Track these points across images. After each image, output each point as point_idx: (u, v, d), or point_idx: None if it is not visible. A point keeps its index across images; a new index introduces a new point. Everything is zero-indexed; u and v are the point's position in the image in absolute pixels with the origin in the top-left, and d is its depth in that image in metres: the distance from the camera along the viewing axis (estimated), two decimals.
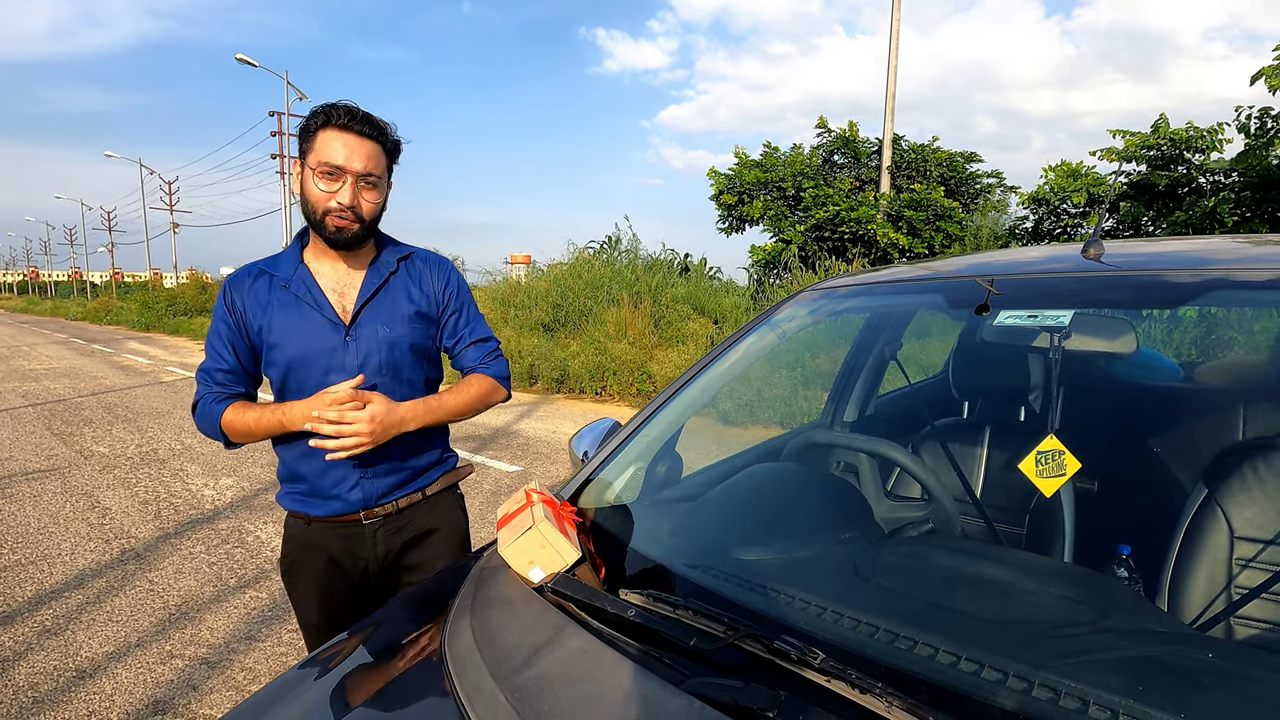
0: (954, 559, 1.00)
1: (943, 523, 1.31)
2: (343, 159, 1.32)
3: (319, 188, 1.34)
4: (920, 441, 1.89)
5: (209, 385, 1.44)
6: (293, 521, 1.53)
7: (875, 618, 0.81)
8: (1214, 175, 8.54)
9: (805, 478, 1.35)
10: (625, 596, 0.88)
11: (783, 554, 1.01)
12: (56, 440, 6.33)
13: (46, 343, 17.94)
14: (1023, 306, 1.17)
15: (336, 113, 1.32)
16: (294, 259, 1.45)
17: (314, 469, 1.44)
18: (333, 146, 1.31)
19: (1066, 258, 1.33)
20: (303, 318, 1.41)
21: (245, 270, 1.47)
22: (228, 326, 1.43)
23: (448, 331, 1.56)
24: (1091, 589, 1.03)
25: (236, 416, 1.40)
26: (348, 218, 1.35)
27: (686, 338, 9.38)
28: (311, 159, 1.34)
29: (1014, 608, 0.88)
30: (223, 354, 1.44)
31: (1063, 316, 1.07)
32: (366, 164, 1.34)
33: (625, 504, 1.26)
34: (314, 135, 1.34)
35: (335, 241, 1.38)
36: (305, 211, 1.38)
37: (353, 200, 1.34)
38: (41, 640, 2.81)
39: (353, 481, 1.46)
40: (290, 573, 1.53)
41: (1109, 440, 1.84)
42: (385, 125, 1.38)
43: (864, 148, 13.09)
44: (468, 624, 0.90)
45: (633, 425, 1.43)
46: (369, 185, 1.36)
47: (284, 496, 1.53)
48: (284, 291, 1.42)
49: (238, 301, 1.43)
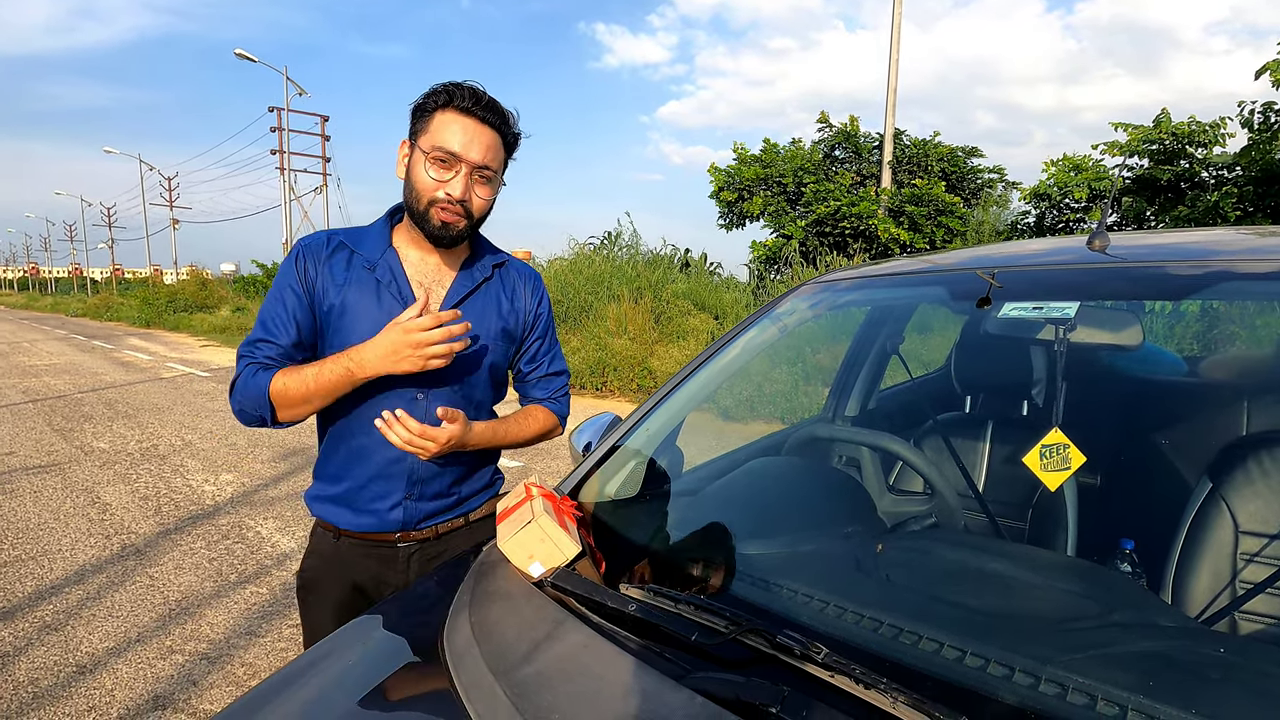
0: (958, 553, 0.99)
1: (946, 517, 1.30)
2: (460, 146, 1.18)
3: (429, 175, 1.19)
4: (922, 436, 1.88)
5: (253, 358, 1.24)
6: (321, 534, 1.38)
7: (879, 612, 0.80)
8: (1217, 170, 8.52)
9: (808, 472, 1.34)
10: (626, 591, 0.87)
11: (785, 548, 1.00)
12: (57, 436, 6.32)
13: (47, 339, 17.94)
14: (1027, 298, 1.16)
15: (460, 93, 1.18)
16: (382, 238, 1.29)
17: (361, 473, 1.30)
18: (451, 130, 1.18)
19: (1071, 250, 1.32)
20: (381, 308, 1.25)
21: (321, 237, 1.30)
22: (295, 296, 1.25)
23: (527, 356, 1.43)
24: (1097, 583, 1.02)
25: (289, 379, 1.20)
26: (456, 212, 1.21)
27: (687, 333, 9.37)
28: (424, 141, 1.20)
29: (1019, 602, 0.87)
30: (282, 327, 1.24)
31: (1068, 308, 1.06)
32: (485, 154, 1.20)
33: (626, 498, 1.25)
34: (430, 115, 1.20)
35: (438, 237, 1.23)
36: (408, 198, 1.24)
37: (464, 193, 1.20)
38: (42, 636, 2.81)
39: (395, 499, 1.31)
40: (308, 589, 1.38)
41: (1112, 434, 1.83)
42: (509, 114, 1.25)
43: (865, 143, 13.06)
44: (466, 619, 0.89)
45: (633, 419, 1.42)
46: (483, 179, 1.23)
47: (315, 499, 1.37)
48: (365, 273, 1.26)
49: (311, 270, 1.25)
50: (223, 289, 26.04)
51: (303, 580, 1.38)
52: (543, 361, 1.45)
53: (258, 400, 1.20)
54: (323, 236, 1.30)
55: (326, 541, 1.35)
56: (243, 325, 19.16)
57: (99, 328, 23.38)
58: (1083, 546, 1.48)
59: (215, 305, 23.29)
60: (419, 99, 1.22)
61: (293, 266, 1.26)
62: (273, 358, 1.24)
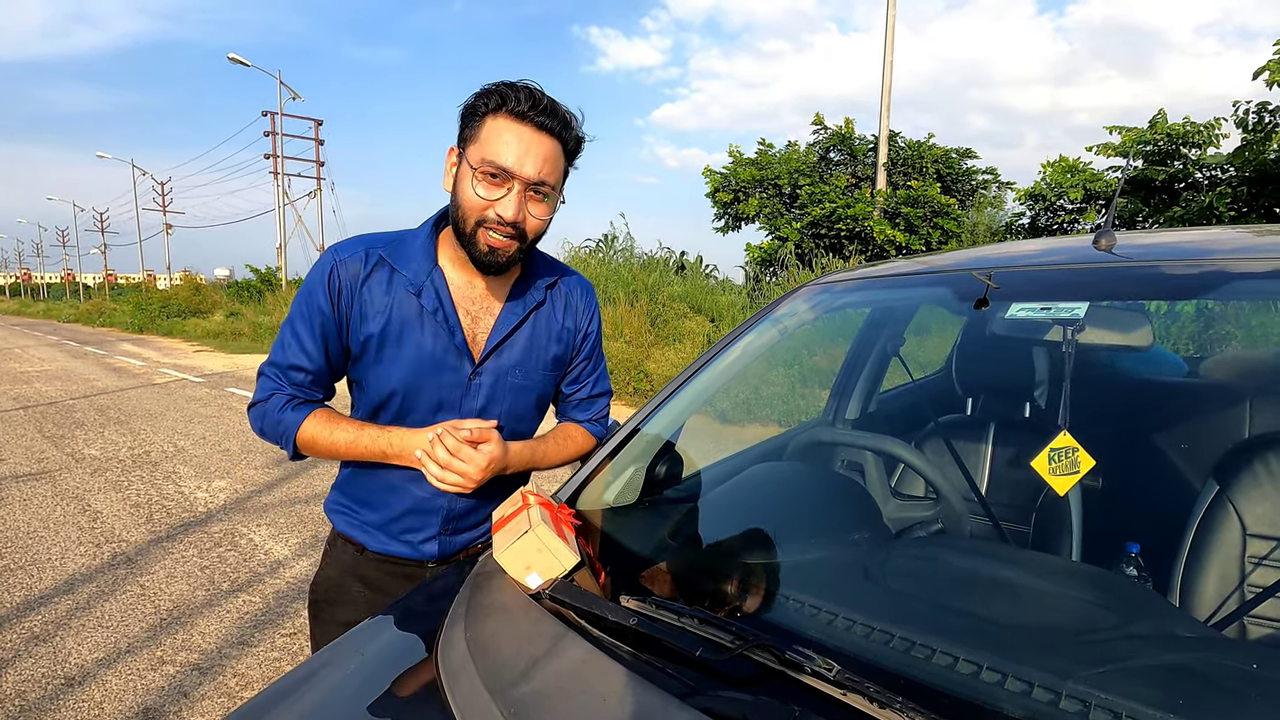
0: (968, 561, 0.96)
1: (952, 522, 1.27)
2: (513, 159, 1.02)
3: (477, 192, 1.04)
4: (924, 438, 1.86)
5: (280, 386, 1.14)
6: (342, 545, 1.26)
7: (890, 625, 0.77)
8: (1211, 170, 8.54)
9: (811, 477, 1.31)
10: (627, 603, 0.84)
11: (791, 557, 0.97)
12: (48, 443, 6.26)
13: (39, 345, 17.82)
14: (1034, 299, 1.14)
15: (514, 95, 1.03)
16: (427, 255, 1.15)
17: (395, 505, 1.20)
18: (503, 140, 1.02)
19: (1077, 249, 1.30)
20: (427, 337, 1.13)
21: (359, 248, 1.14)
22: (324, 316, 1.11)
23: (571, 376, 1.32)
24: (1112, 592, 0.99)
25: (321, 432, 1.11)
26: (508, 234, 1.06)
27: (683, 336, 9.35)
28: (473, 153, 1.04)
29: (1034, 612, 0.85)
30: (309, 349, 1.12)
31: (1077, 309, 1.04)
32: (541, 168, 1.04)
33: (625, 506, 1.22)
34: (481, 121, 1.04)
35: (484, 264, 1.09)
36: (454, 216, 1.09)
37: (517, 214, 1.05)
38: (30, 647, 2.76)
39: (430, 533, 1.22)
40: (322, 604, 1.27)
41: (1116, 436, 1.81)
42: (572, 117, 1.08)
43: (860, 145, 13.08)
44: (461, 633, 0.86)
45: (632, 424, 1.39)
46: (539, 196, 1.07)
47: (338, 513, 1.26)
48: (409, 297, 1.13)
49: (347, 289, 1.11)
50: (216, 294, 25.93)
51: (317, 594, 1.28)
52: (587, 383, 1.34)
53: (283, 437, 1.14)
54: (360, 250, 1.14)
55: (348, 554, 1.25)
56: (236, 330, 19.06)
57: (91, 333, 23.25)
58: (1088, 550, 1.46)
59: (209, 310, 23.19)
60: (468, 100, 1.07)
61: (324, 283, 1.12)
62: (301, 385, 1.14)
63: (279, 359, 1.14)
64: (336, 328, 1.13)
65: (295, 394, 1.14)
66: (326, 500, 1.31)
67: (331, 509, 1.28)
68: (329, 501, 1.29)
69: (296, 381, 1.14)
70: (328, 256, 1.14)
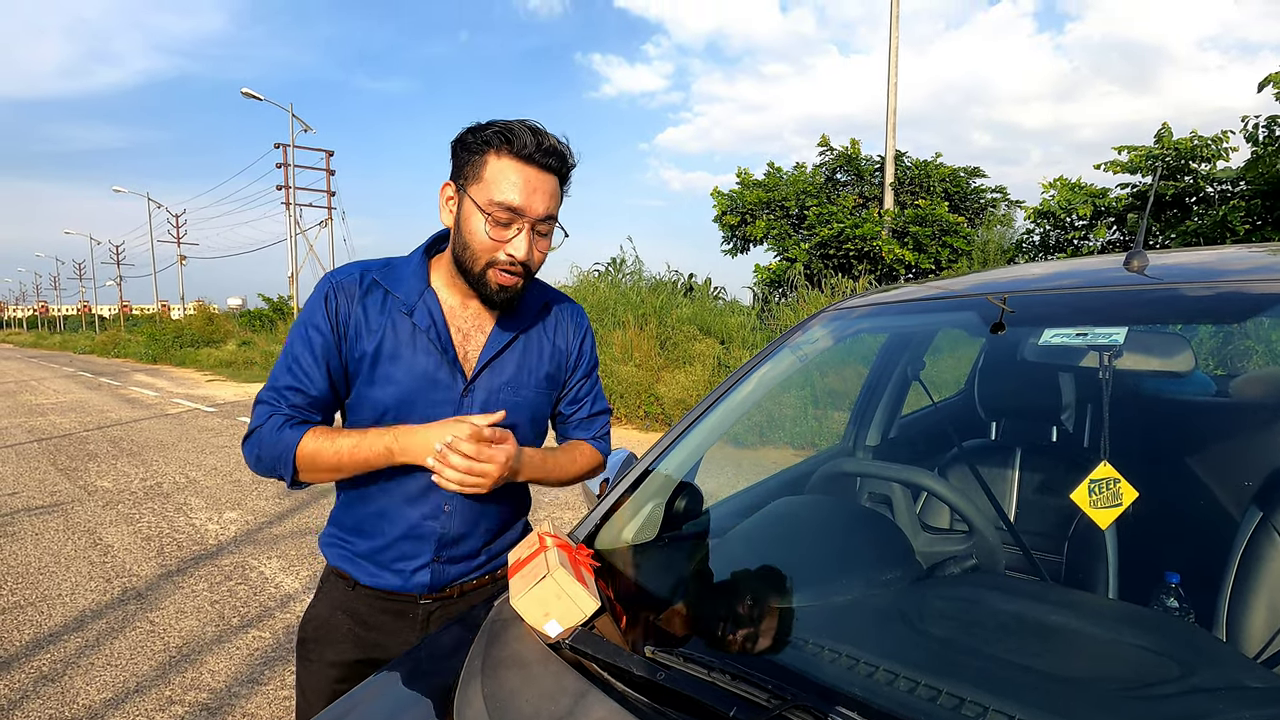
0: (1014, 604, 0.91)
1: (986, 557, 1.22)
2: (523, 199, 1.03)
3: (487, 234, 1.05)
4: (947, 465, 1.80)
5: (278, 407, 1.11)
6: (334, 581, 1.24)
7: (938, 679, 0.72)
8: (1222, 184, 8.48)
9: (837, 511, 1.26)
10: (654, 656, 0.79)
11: (823, 600, 0.92)
12: (61, 475, 6.26)
13: (54, 377, 17.99)
14: (1068, 324, 1.09)
15: (521, 138, 1.03)
16: (419, 277, 1.16)
17: (389, 531, 1.18)
18: (510, 182, 1.03)
19: (1108, 271, 1.26)
20: (420, 355, 1.14)
21: (354, 272, 1.16)
22: (323, 336, 1.11)
23: (569, 397, 1.32)
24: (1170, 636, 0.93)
25: (322, 445, 1.08)
26: (517, 273, 1.08)
27: (693, 359, 9.30)
28: (479, 193, 1.04)
29: (1092, 663, 0.79)
30: (309, 372, 1.12)
31: (1115, 334, 0.99)
32: (548, 205, 1.07)
33: (646, 545, 1.17)
34: (482, 159, 1.05)
35: (495, 301, 1.11)
36: (460, 256, 1.10)
37: (528, 254, 1.07)
38: (39, 688, 2.72)
39: (423, 561, 1.19)
40: (310, 643, 1.24)
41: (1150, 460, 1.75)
42: (567, 153, 1.09)
43: (866, 165, 13.12)
44: (479, 689, 0.82)
45: (650, 458, 1.35)
46: (543, 232, 1.10)
47: (331, 547, 1.25)
48: (402, 318, 1.14)
49: (344, 310, 1.12)
50: (229, 323, 26.18)
51: (306, 633, 1.24)
52: (585, 402, 1.34)
53: (281, 458, 1.09)
54: (355, 272, 1.16)
55: (340, 590, 1.22)
56: (249, 359, 19.19)
57: (106, 364, 23.47)
58: (1124, 580, 1.39)
59: (221, 339, 23.39)
60: (466, 136, 1.07)
61: (322, 304, 1.13)
62: (299, 407, 1.12)
63: (278, 383, 1.13)
64: (336, 348, 1.13)
65: (293, 414, 1.12)
66: (321, 535, 1.29)
67: (325, 542, 1.26)
68: (323, 536, 1.27)
69: (295, 404, 1.12)
70: (325, 282, 1.16)
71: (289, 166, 26.90)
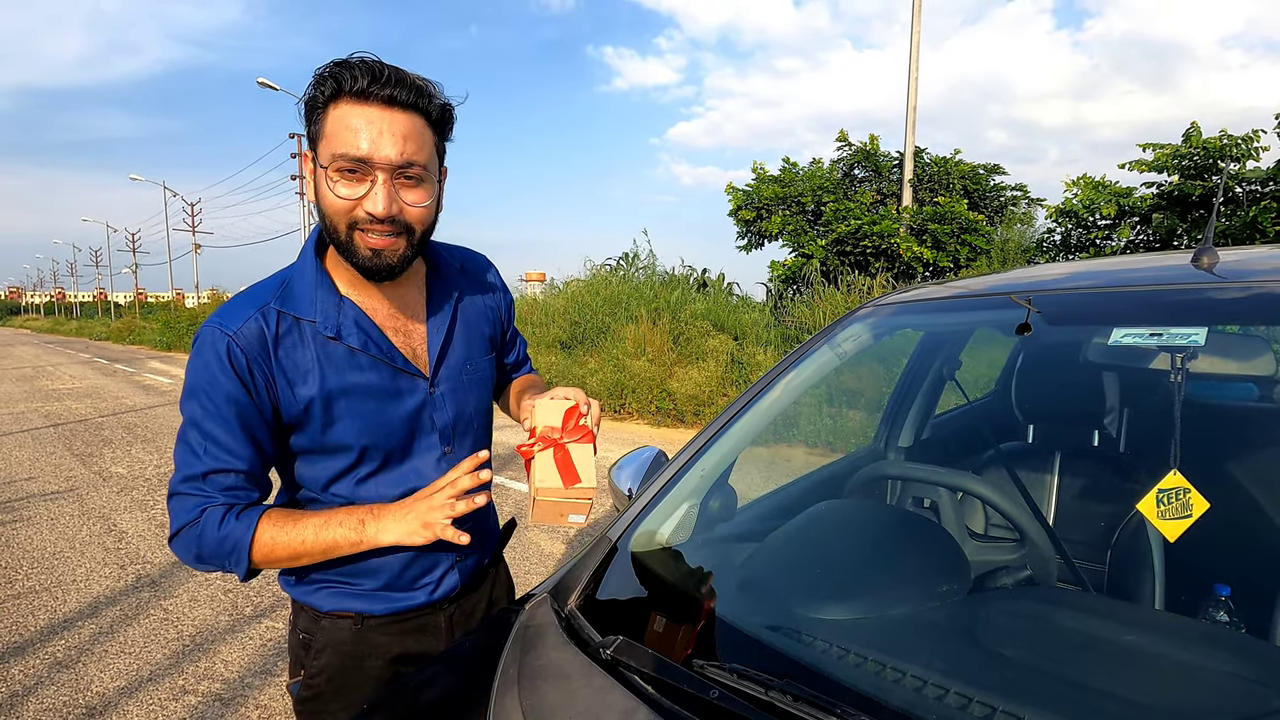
0: (1081, 621, 0.85)
1: (1039, 567, 1.15)
2: (366, 146, 0.88)
3: (338, 193, 0.90)
4: (982, 468, 1.74)
5: (209, 499, 0.94)
6: (330, 626, 1.06)
7: (1005, 701, 0.66)
8: (1250, 184, 8.30)
9: (884, 516, 1.20)
10: (704, 672, 0.74)
11: (878, 612, 0.87)
12: (76, 461, 6.29)
13: (70, 362, 18.15)
14: (1136, 322, 1.03)
15: (350, 74, 0.88)
16: (326, 289, 0.99)
17: (402, 555, 1.04)
18: (349, 128, 0.88)
19: (1176, 269, 1.19)
20: (370, 375, 0.99)
21: (247, 311, 0.96)
22: (236, 404, 0.93)
23: (507, 348, 1.26)
24: (1254, 659, 0.87)
25: (278, 534, 0.93)
26: (386, 232, 0.92)
27: (706, 354, 9.22)
28: (323, 149, 0.90)
29: (1171, 686, 0.73)
30: (233, 449, 0.94)
31: (1195, 335, 0.93)
32: (403, 148, 0.89)
33: (686, 548, 1.12)
34: (323, 114, 0.90)
35: (372, 270, 0.95)
36: (325, 228, 0.95)
37: (388, 207, 0.90)
38: (52, 674, 2.71)
39: (447, 565, 1.09)
40: (327, 697, 1.07)
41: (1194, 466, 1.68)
42: (425, 85, 0.92)
43: (885, 161, 12.96)
44: (517, 701, 0.77)
45: (684, 457, 1.29)
46: (411, 181, 0.92)
47: (323, 589, 1.06)
48: (332, 345, 0.97)
49: (257, 361, 0.94)
50: None
51: (316, 687, 1.07)
52: (516, 345, 1.30)
53: (231, 555, 0.93)
54: (250, 312, 0.96)
55: (343, 633, 1.06)
56: None
57: (121, 351, 23.67)
58: (1171, 591, 1.33)
59: None
60: (305, 93, 0.92)
61: (224, 366, 0.93)
62: (233, 489, 0.94)
63: (193, 470, 0.94)
64: (257, 411, 0.95)
65: (231, 500, 0.95)
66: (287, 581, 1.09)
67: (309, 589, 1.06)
68: (297, 581, 1.07)
69: (227, 486, 0.95)
70: (211, 334, 0.95)
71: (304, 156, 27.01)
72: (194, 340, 0.98)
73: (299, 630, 1.09)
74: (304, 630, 1.08)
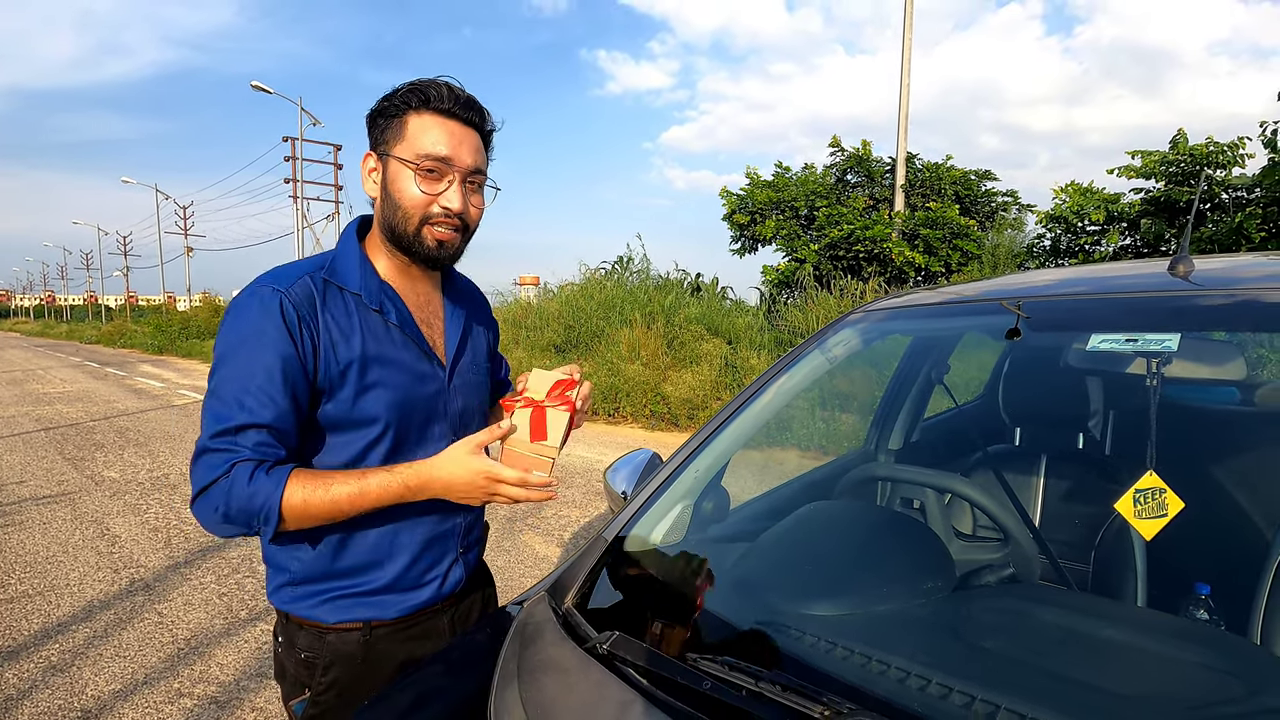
0: (1062, 617, 0.88)
1: (1023, 566, 1.19)
2: (450, 150, 1.00)
3: (420, 189, 1.00)
4: (970, 470, 1.78)
5: (237, 454, 0.93)
6: (337, 640, 1.05)
7: (996, 695, 0.69)
8: (1236, 191, 8.41)
9: (871, 516, 1.23)
10: (696, 665, 0.77)
11: (866, 608, 0.90)
12: (68, 465, 6.26)
13: (61, 366, 18.04)
14: (1114, 329, 1.06)
15: (437, 92, 1.00)
16: (365, 269, 1.06)
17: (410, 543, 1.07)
18: (434, 135, 1.00)
19: (1152, 276, 1.23)
20: (403, 352, 1.06)
21: (298, 274, 1.01)
22: (284, 356, 0.95)
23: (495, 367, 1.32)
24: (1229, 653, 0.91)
25: (310, 493, 0.93)
26: (454, 226, 1.03)
27: (700, 358, 9.27)
28: (404, 149, 1.00)
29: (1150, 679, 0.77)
30: (275, 401, 0.94)
31: (1168, 340, 0.96)
32: (475, 158, 1.04)
33: (679, 548, 1.15)
34: (401, 120, 1.01)
35: (434, 259, 1.05)
36: (391, 219, 1.03)
37: (462, 204, 1.03)
38: (47, 678, 2.71)
39: (452, 556, 1.12)
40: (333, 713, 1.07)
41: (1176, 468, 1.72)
42: (486, 111, 1.07)
43: (877, 166, 13.06)
44: (517, 694, 0.79)
45: (678, 459, 1.32)
46: (474, 186, 1.06)
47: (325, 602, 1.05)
48: (372, 315, 1.04)
49: (306, 330, 0.97)
50: None
51: (318, 708, 1.06)
52: (500, 365, 1.35)
53: (261, 511, 0.92)
54: (300, 276, 1.01)
55: (350, 646, 1.05)
56: None
57: (112, 354, 23.54)
58: (1153, 590, 1.37)
59: None
60: (380, 103, 1.04)
61: (275, 318, 0.96)
62: (264, 445, 0.94)
63: (228, 423, 0.93)
64: (301, 367, 0.97)
65: (261, 456, 0.93)
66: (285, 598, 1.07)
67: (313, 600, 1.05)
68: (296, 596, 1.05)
69: (259, 442, 0.94)
70: (261, 292, 0.98)
71: (297, 160, 26.92)
72: (231, 306, 1.00)
73: (298, 650, 1.07)
74: (305, 650, 1.06)
